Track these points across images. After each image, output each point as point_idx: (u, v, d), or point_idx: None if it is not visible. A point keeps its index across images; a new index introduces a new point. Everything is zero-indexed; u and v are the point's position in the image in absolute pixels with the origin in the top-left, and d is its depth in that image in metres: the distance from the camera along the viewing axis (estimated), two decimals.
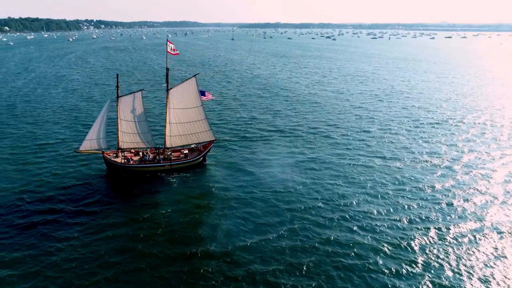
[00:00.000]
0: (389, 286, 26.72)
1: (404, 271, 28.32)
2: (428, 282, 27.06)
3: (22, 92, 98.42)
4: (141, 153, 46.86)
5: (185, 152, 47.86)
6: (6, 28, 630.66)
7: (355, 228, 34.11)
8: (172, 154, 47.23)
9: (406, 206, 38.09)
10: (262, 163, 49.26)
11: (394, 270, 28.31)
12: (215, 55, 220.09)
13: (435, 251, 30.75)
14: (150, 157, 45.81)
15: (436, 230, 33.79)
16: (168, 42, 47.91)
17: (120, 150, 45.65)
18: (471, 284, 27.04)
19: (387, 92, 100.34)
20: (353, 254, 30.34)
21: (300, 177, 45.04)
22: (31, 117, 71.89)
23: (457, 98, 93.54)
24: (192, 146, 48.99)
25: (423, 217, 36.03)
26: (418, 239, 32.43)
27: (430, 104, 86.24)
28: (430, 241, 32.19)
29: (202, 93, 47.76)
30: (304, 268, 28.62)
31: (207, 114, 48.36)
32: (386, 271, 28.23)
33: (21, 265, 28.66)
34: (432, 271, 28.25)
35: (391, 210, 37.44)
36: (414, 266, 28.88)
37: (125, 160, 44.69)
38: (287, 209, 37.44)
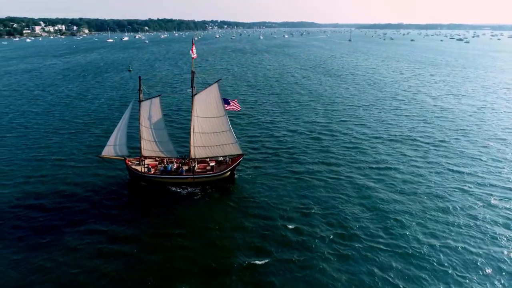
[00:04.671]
0: None
1: None
2: None
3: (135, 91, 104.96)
4: (164, 161, 43.83)
5: (212, 164, 43.35)
6: (146, 28, 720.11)
7: None
8: (197, 165, 43.11)
9: None
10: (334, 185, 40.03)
11: None
12: (330, 57, 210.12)
13: None
14: (174, 167, 42.50)
15: None
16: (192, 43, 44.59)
17: (143, 158, 43.44)
18: None
19: None
20: None
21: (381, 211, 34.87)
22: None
23: None
24: (220, 158, 44.25)
25: None
26: None
27: None
28: None
29: (226, 102, 42.68)
30: None
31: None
32: None
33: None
34: None
35: None
36: None
37: (146, 169, 42.11)
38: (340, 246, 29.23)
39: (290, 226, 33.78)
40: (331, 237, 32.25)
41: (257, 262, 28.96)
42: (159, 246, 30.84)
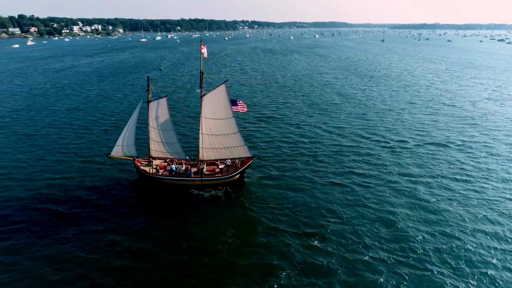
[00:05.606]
0: None
1: None
2: None
3: (164, 91, 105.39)
4: (173, 162, 43.09)
5: (220, 167, 42.42)
6: (178, 27, 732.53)
7: None
8: (206, 168, 42.06)
9: None
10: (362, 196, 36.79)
11: None
12: (362, 58, 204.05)
13: None
14: (182, 169, 41.61)
15: None
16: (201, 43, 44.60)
17: (151, 158, 43.01)
18: None
19: None
20: None
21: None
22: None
23: None
24: (228, 161, 43.30)
25: None
26: None
27: None
28: None
29: (234, 103, 41.52)
30: None
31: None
32: None
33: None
34: None
35: None
36: None
37: (154, 170, 41.51)
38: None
39: (312, 244, 31.15)
40: (364, 259, 29.34)
41: (275, 285, 26.66)
42: (173, 262, 29.06)
